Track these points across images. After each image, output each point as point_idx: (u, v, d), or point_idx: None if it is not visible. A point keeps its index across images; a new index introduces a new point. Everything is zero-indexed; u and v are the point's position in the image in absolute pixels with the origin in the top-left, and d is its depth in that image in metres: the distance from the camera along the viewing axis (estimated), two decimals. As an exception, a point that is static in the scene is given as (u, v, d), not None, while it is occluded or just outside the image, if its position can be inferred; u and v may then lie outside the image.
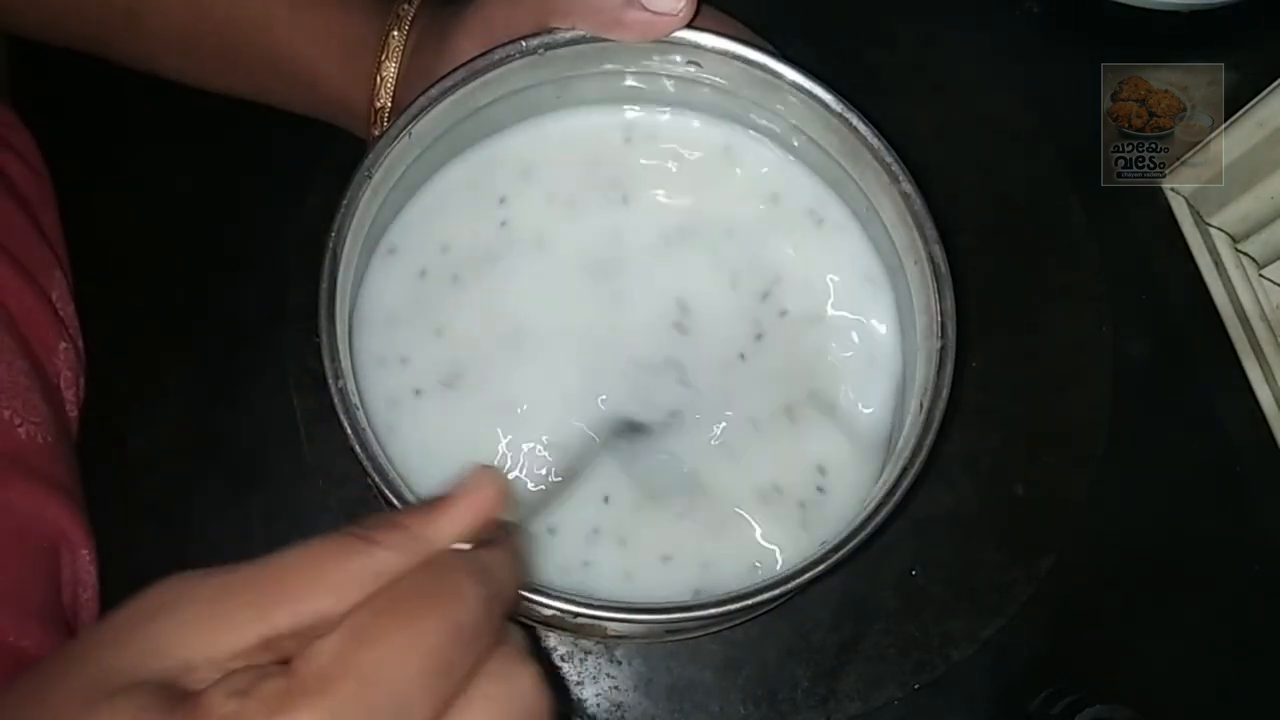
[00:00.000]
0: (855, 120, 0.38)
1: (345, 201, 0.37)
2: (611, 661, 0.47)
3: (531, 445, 0.41)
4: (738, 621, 0.45)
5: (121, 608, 0.23)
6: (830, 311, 0.43)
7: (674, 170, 0.44)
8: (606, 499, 0.40)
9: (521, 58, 0.38)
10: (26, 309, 0.44)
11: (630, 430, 0.41)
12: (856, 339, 0.42)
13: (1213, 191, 0.53)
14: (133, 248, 0.52)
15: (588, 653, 0.47)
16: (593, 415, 0.41)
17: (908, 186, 0.38)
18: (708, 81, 0.41)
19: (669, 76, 0.41)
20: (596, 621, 0.34)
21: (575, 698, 0.47)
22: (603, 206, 0.43)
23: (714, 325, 0.42)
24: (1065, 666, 0.49)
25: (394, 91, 0.44)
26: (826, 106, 0.39)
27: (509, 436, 0.41)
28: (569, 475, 0.39)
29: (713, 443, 0.41)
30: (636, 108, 0.44)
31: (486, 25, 0.39)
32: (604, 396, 0.41)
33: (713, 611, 0.34)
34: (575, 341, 0.42)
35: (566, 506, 0.40)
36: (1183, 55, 0.54)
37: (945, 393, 0.37)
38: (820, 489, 0.40)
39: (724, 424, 0.41)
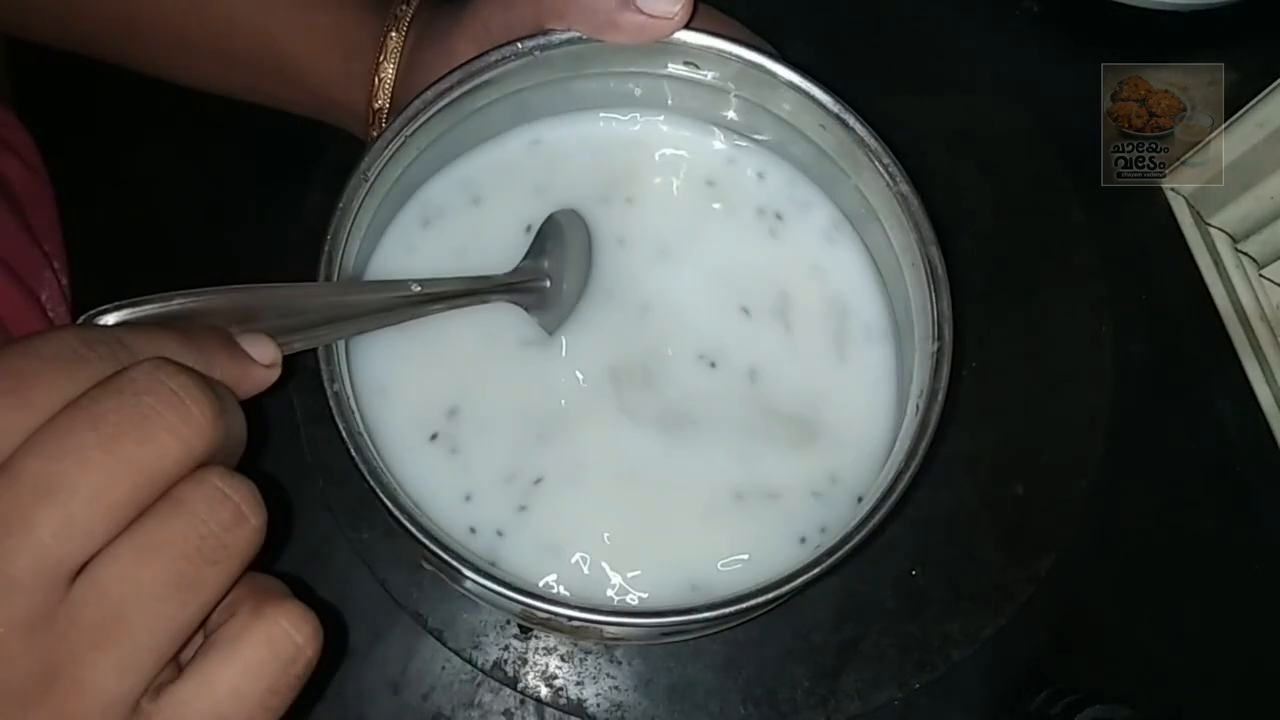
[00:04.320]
0: (853, 121, 0.38)
1: (342, 203, 0.37)
2: (611, 661, 0.47)
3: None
4: (737, 623, 0.45)
5: None
6: (828, 312, 0.43)
7: (672, 172, 0.44)
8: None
9: (517, 59, 0.38)
10: (15, 311, 0.44)
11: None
12: (854, 340, 0.42)
13: (1213, 191, 0.53)
14: (132, 249, 0.52)
15: (588, 653, 0.47)
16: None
17: (905, 188, 0.38)
18: (705, 83, 0.41)
19: (666, 78, 0.41)
20: (592, 625, 0.34)
21: (576, 698, 0.47)
22: (602, 209, 0.43)
23: (708, 327, 0.42)
24: (1065, 666, 0.49)
25: (392, 93, 0.44)
26: (824, 107, 0.38)
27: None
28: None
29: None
30: (634, 111, 0.44)
31: (484, 27, 0.39)
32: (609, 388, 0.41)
33: (710, 614, 0.34)
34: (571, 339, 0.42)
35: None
36: (1183, 55, 0.54)
37: (942, 395, 0.36)
38: (815, 494, 0.40)
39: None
